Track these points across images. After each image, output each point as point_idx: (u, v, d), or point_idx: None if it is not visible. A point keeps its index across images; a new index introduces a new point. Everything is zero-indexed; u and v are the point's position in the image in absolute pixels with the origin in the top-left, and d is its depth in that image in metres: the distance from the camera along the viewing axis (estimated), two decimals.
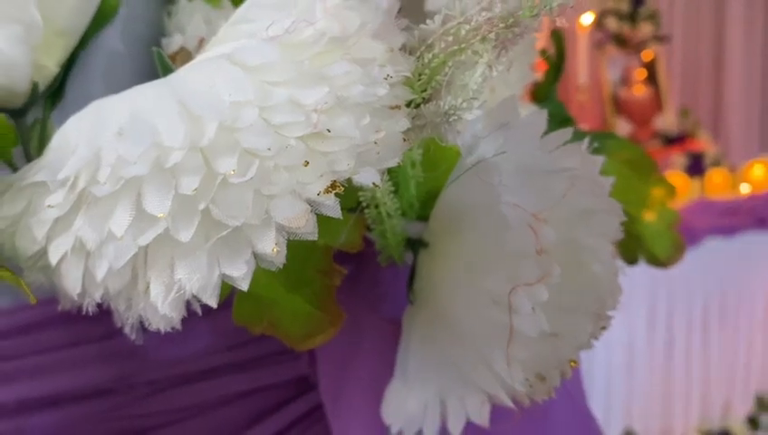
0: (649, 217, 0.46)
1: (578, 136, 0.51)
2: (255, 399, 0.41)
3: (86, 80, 0.35)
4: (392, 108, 0.22)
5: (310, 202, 0.21)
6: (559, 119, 0.51)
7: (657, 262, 0.46)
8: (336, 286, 0.27)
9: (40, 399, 0.37)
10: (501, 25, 0.23)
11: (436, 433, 0.32)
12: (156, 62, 0.26)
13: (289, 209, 0.21)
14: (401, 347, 0.34)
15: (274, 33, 0.23)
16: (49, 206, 0.22)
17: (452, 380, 0.31)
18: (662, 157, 3.46)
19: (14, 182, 0.23)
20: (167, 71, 0.26)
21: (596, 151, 0.50)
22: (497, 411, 0.31)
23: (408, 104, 0.26)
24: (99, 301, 0.23)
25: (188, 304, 0.31)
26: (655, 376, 2.64)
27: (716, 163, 3.14)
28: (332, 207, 0.22)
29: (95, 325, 0.38)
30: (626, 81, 3.49)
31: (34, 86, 0.30)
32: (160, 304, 0.21)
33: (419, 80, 0.24)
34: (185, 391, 0.40)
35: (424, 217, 0.31)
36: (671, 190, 0.46)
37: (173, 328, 0.38)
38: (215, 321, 0.39)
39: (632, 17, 3.43)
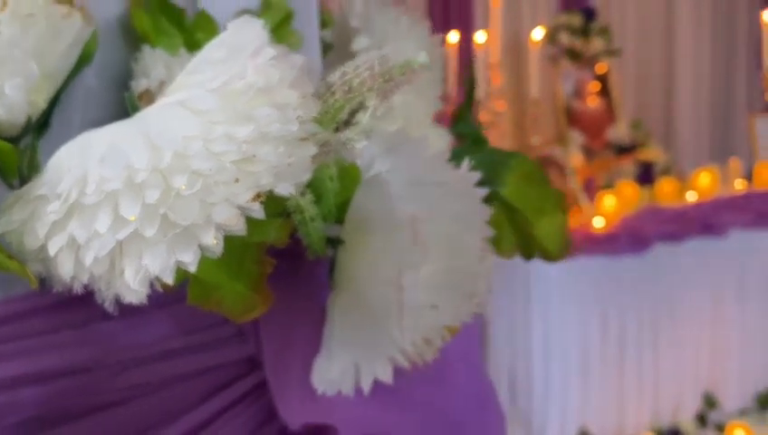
0: (544, 220, 0.55)
1: (489, 153, 0.60)
2: (210, 376, 0.49)
3: (67, 112, 0.43)
4: (302, 139, 0.31)
5: (240, 208, 0.30)
6: (472, 138, 0.60)
7: (549, 257, 0.55)
8: (267, 274, 0.36)
9: (30, 375, 0.45)
10: (380, 80, 0.32)
11: (352, 391, 0.41)
12: (126, 103, 0.34)
13: (225, 213, 0.29)
14: (326, 326, 0.42)
15: (216, 85, 0.31)
16: (50, 212, 0.30)
17: (363, 348, 0.39)
18: (614, 166, 3.59)
19: (22, 195, 0.31)
20: (134, 109, 0.34)
21: (501, 167, 0.59)
22: (400, 371, 0.40)
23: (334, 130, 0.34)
24: (85, 283, 0.31)
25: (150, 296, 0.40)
26: (608, 377, 2.73)
27: (666, 172, 3.27)
28: (257, 212, 0.30)
29: (74, 314, 0.46)
30: (579, 93, 3.62)
31: (28, 119, 0.38)
32: (132, 283, 0.30)
33: (326, 118, 0.33)
34: (149, 370, 0.48)
35: (340, 220, 0.39)
36: (562, 199, 0.55)
37: (139, 316, 0.46)
38: (173, 311, 0.47)
39: (584, 32, 3.57)
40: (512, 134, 3.38)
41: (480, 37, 2.89)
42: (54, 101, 0.41)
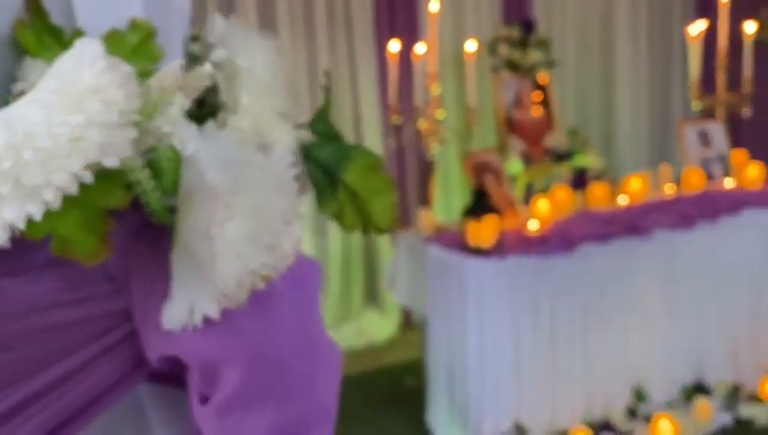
0: (376, 201, 0.67)
1: (338, 147, 0.72)
2: (91, 325, 0.61)
3: None
4: (122, 126, 0.43)
5: (74, 175, 0.41)
6: (327, 135, 0.72)
7: (380, 231, 0.67)
8: (109, 231, 0.48)
9: None
10: (181, 84, 0.43)
11: (190, 326, 0.52)
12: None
13: (61, 178, 0.41)
14: (171, 277, 0.54)
15: (60, 86, 0.43)
16: None
17: (195, 292, 0.51)
18: (552, 172, 3.75)
19: None
20: (6, 105, 0.46)
21: (346, 158, 0.71)
22: (227, 310, 0.52)
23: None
24: None
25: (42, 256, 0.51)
26: (541, 373, 2.85)
27: (599, 177, 3.43)
28: (87, 178, 0.42)
29: None
30: (519, 102, 3.78)
31: None
32: None
33: (145, 110, 0.44)
34: (40, 318, 0.59)
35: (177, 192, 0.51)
36: (392, 184, 0.68)
37: (32, 273, 0.57)
38: (61, 269, 0.59)
39: (523, 44, 3.74)
40: (453, 140, 3.53)
41: (420, 48, 3.03)
42: None
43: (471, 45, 3.10)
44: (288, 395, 0.56)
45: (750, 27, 3.54)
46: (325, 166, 0.68)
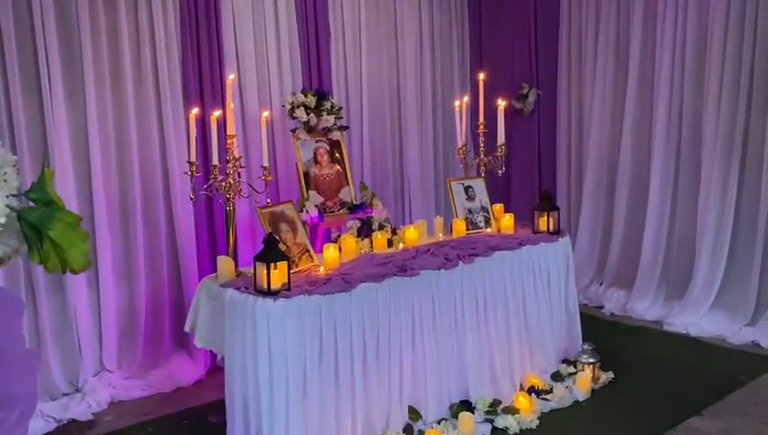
0: (73, 250, 1.04)
1: (49, 210, 1.09)
2: None
3: None
4: None
5: None
6: (42, 201, 1.07)
7: (74, 271, 1.03)
8: None
9: None
10: None
11: None
12: None
13: None
14: None
15: None
16: None
17: None
18: (344, 221, 4.21)
19: None
20: None
21: (53, 219, 1.08)
22: None
23: None
24: None
25: None
26: (326, 399, 3.17)
27: (382, 227, 3.90)
28: None
29: None
30: (315, 160, 4.25)
31: None
32: None
33: None
34: None
35: None
36: (86, 237, 1.05)
37: None
38: None
39: (317, 110, 4.22)
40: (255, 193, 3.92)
41: (215, 113, 3.43)
42: None
43: (264, 113, 3.54)
44: None
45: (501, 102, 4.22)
46: (34, 225, 1.03)
